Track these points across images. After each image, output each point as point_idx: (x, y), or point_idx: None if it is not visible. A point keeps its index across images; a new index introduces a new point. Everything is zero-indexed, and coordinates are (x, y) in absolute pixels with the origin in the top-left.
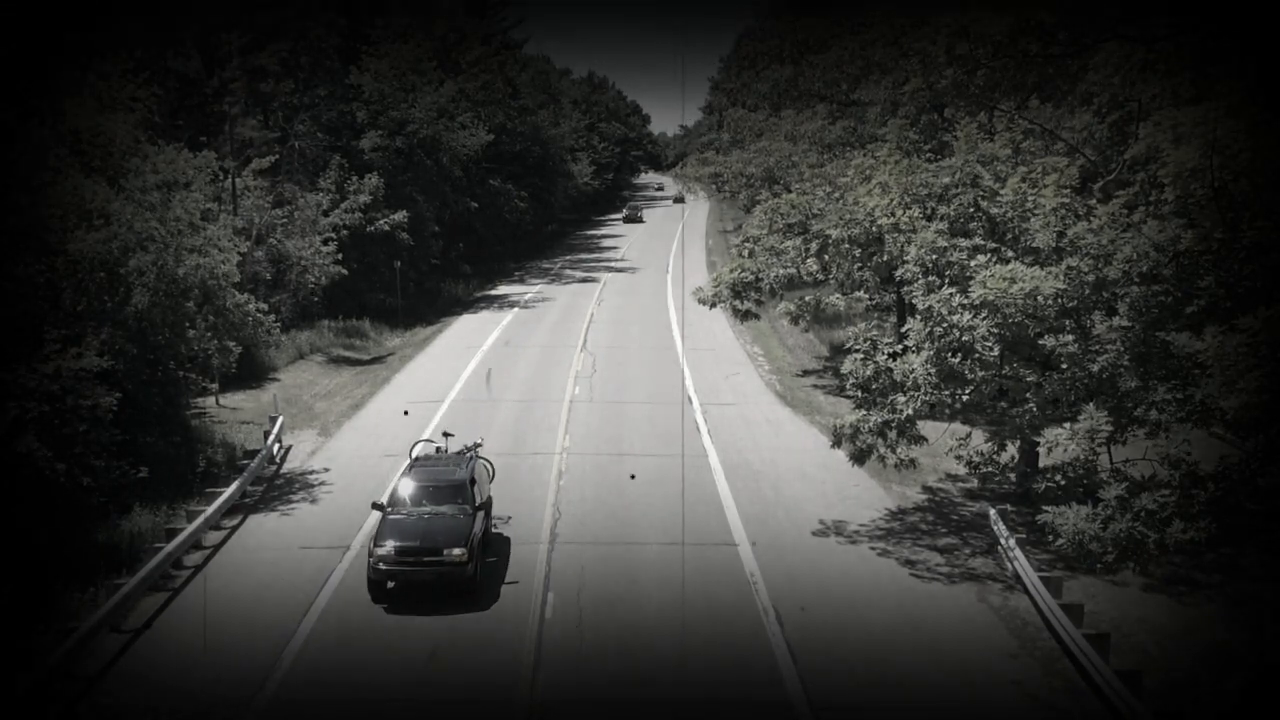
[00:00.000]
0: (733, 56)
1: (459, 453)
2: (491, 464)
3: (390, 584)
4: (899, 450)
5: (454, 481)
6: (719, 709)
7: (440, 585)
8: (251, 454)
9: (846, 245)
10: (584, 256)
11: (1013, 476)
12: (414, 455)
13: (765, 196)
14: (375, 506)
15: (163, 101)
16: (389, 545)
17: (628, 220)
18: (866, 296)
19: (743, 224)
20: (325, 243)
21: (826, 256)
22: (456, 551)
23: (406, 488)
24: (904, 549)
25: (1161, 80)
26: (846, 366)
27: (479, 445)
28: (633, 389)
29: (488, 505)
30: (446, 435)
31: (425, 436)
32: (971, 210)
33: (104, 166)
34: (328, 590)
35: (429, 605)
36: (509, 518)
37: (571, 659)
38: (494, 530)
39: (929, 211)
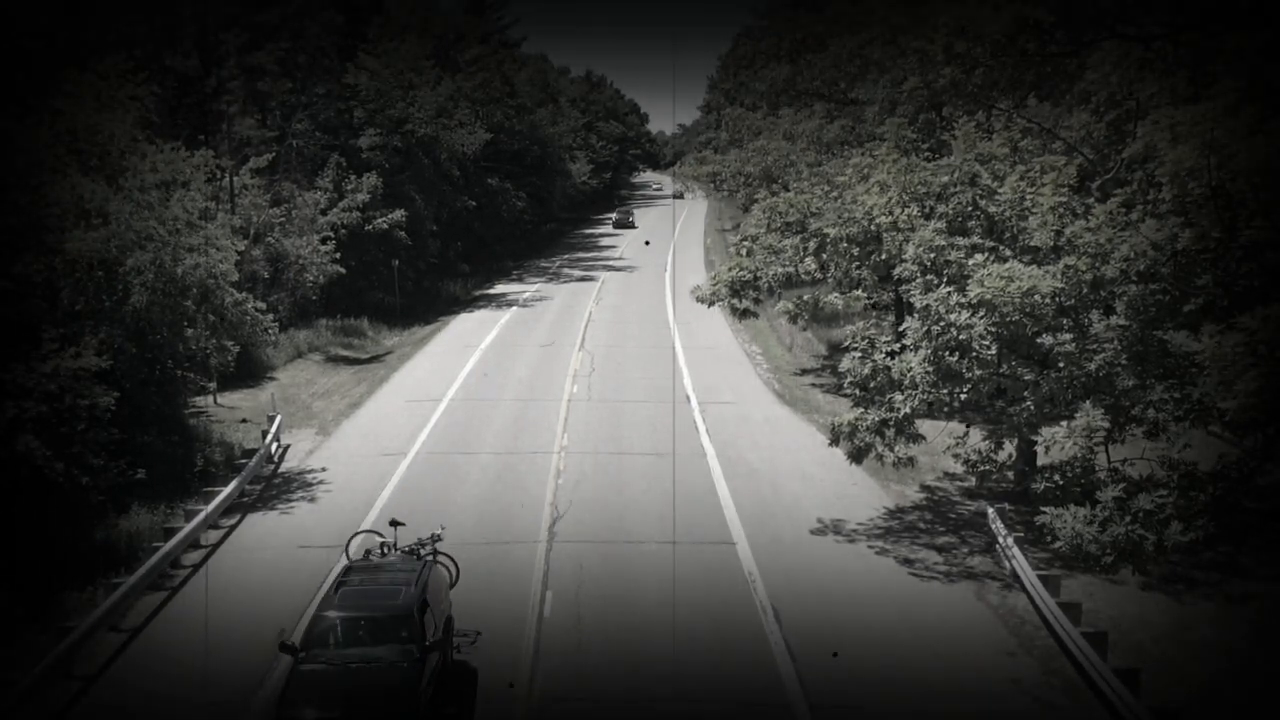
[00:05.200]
0: (730, 55)
1: (409, 551)
2: (455, 563)
3: None
4: (897, 449)
5: (395, 612)
6: (718, 707)
7: None
8: (250, 453)
9: (844, 244)
10: (582, 255)
11: (1011, 475)
12: (350, 554)
13: (763, 195)
14: (284, 648)
15: (161, 100)
16: (300, 718)
17: (618, 225)
18: (864, 295)
19: (741, 223)
20: (323, 241)
21: (824, 255)
22: None
23: (328, 620)
24: (902, 547)
25: (1159, 79)
26: (844, 365)
27: (438, 538)
28: (631, 388)
29: (446, 630)
30: (395, 524)
31: (365, 527)
32: (969, 209)
33: (102, 165)
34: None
35: None
36: (477, 635)
37: (570, 657)
38: (457, 654)
39: (927, 210)
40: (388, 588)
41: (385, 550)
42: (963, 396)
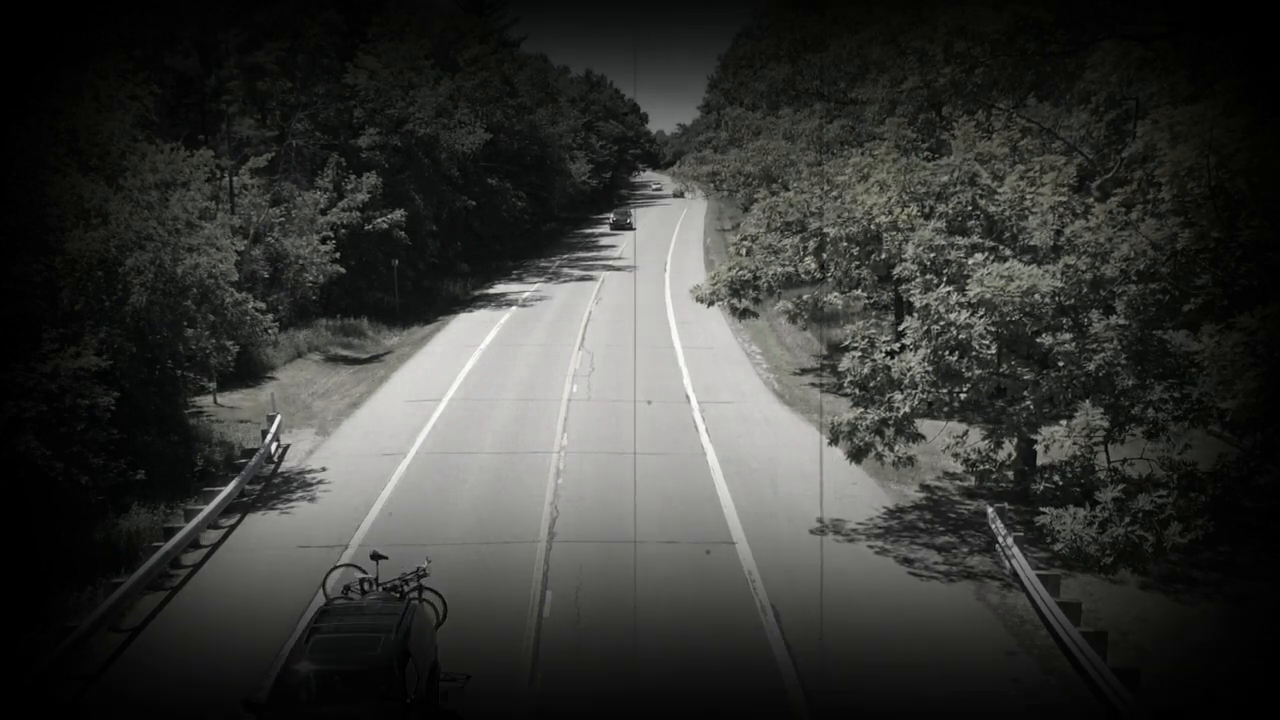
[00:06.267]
0: (730, 55)
1: (391, 588)
2: (442, 600)
3: None
4: (896, 448)
5: (373, 664)
6: (717, 707)
7: None
8: (249, 453)
9: (844, 243)
10: (582, 255)
11: (1010, 475)
12: (327, 590)
13: (763, 195)
14: (249, 706)
15: (160, 100)
16: None
17: (615, 227)
18: (864, 295)
19: (741, 222)
20: (323, 241)
21: (824, 255)
22: None
23: (298, 674)
24: (902, 547)
25: (1159, 79)
26: (844, 364)
27: (424, 573)
28: (630, 387)
29: (431, 678)
30: (377, 558)
31: (345, 560)
32: (969, 208)
33: (102, 165)
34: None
35: None
36: (466, 679)
37: (570, 657)
38: (444, 702)
39: (927, 210)
40: (365, 635)
41: (366, 587)
42: (962, 396)
